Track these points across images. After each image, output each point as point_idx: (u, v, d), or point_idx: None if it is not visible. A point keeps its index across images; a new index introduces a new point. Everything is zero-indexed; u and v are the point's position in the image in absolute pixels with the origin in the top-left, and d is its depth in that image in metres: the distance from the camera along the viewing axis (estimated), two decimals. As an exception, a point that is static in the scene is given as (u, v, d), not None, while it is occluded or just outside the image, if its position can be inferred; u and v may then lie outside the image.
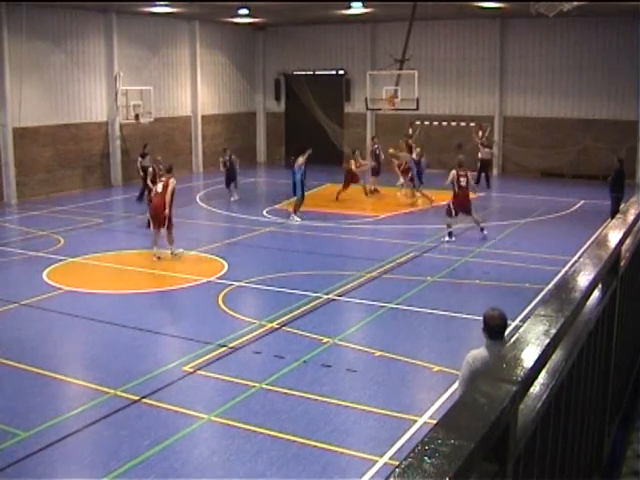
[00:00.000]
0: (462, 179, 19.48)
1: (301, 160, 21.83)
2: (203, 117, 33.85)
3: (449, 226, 19.40)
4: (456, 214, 19.52)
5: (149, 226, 18.32)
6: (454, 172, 19.47)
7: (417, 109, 27.88)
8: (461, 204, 19.49)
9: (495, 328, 6.23)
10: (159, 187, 17.58)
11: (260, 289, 15.21)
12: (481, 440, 1.55)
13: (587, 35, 30.05)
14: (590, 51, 30.06)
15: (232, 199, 25.42)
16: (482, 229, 19.54)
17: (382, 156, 26.98)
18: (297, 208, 22.03)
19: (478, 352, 6.27)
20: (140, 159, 25.30)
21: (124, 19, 29.28)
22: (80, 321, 13.26)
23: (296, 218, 21.83)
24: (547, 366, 2.31)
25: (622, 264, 3.76)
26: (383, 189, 26.45)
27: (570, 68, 30.59)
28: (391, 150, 26.44)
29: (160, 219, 17.37)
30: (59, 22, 26.96)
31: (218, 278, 15.96)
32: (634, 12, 26.68)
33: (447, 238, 19.32)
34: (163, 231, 17.56)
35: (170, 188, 17.30)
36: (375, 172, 26.63)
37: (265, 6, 27.46)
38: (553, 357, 2.35)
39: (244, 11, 27.89)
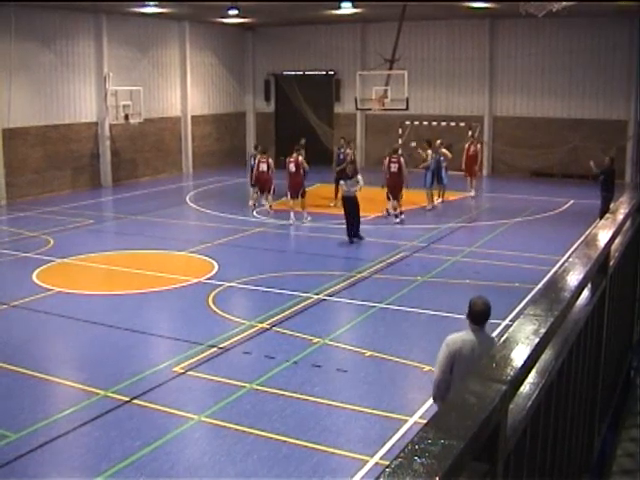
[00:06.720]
0: (393, 165, 21.59)
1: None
2: (193, 117, 33.75)
3: (394, 209, 21.88)
4: (390, 198, 21.94)
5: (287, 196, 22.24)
6: (387, 159, 21.88)
7: (407, 109, 27.91)
8: (390, 188, 21.73)
9: (479, 314, 6.58)
10: (292, 167, 21.82)
11: (250, 289, 15.20)
12: (471, 439, 1.55)
13: (576, 35, 30.12)
14: (579, 51, 30.14)
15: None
16: (397, 216, 21.59)
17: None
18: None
19: (458, 335, 6.68)
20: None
21: (113, 20, 29.17)
22: (70, 322, 13.22)
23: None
24: (537, 365, 2.31)
25: (611, 264, 3.77)
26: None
27: (559, 68, 30.65)
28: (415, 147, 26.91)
29: (298, 191, 21.79)
30: (48, 22, 26.82)
31: (208, 278, 15.93)
32: (623, 13, 26.81)
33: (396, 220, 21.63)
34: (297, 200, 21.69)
35: (305, 165, 21.97)
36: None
37: (255, 6, 27.42)
38: (543, 356, 2.36)
39: (234, 11, 27.84)
